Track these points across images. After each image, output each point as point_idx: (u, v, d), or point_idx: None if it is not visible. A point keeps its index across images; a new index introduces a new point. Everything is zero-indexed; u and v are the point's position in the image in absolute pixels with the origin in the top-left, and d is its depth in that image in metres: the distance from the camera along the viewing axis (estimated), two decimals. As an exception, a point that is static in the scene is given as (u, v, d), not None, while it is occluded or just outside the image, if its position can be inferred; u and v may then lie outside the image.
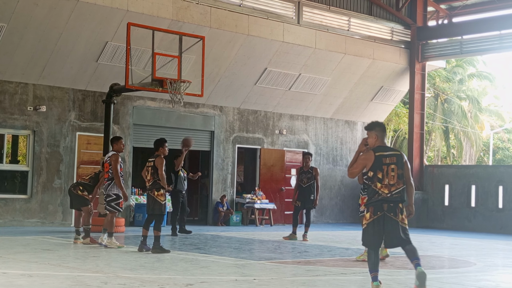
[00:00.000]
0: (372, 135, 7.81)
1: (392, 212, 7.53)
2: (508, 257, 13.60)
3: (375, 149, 7.70)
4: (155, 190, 11.78)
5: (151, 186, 11.83)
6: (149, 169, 11.86)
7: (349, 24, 21.93)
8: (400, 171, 7.59)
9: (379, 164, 7.59)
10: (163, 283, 8.19)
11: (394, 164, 7.59)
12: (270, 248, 13.34)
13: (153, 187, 11.79)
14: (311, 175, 15.70)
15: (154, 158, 11.86)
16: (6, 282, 7.83)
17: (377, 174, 7.58)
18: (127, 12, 16.77)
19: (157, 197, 11.78)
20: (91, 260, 10.44)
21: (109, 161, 12.51)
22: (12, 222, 16.84)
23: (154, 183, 11.78)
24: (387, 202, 7.54)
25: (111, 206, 12.50)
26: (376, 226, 7.56)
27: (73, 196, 13.33)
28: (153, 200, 11.80)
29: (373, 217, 7.59)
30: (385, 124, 8.05)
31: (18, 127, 17.14)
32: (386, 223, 7.55)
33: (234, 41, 19.09)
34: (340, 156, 23.58)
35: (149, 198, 11.91)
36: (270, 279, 8.90)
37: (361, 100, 23.43)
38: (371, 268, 7.63)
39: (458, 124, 39.53)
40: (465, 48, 23.14)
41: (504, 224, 20.80)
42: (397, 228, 7.53)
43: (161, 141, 12.04)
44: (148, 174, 11.85)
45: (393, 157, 7.62)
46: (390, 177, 7.56)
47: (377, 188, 7.58)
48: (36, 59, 16.79)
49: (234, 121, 20.95)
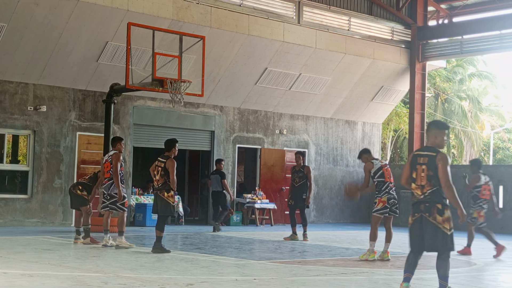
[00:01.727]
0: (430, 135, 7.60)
1: (428, 213, 7.32)
2: (509, 257, 13.59)
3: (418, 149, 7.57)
4: (165, 191, 11.71)
5: (161, 187, 11.74)
6: (159, 169, 11.74)
7: (350, 24, 21.93)
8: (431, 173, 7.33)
9: (413, 164, 7.48)
10: (163, 283, 8.19)
11: (425, 164, 7.38)
12: (271, 248, 13.34)
13: (163, 188, 11.72)
14: (303, 174, 15.73)
15: (165, 159, 11.75)
16: (6, 282, 7.83)
17: (412, 174, 7.47)
18: (127, 12, 16.78)
19: (167, 198, 11.73)
20: (92, 260, 10.44)
21: (110, 160, 12.46)
22: (13, 222, 16.84)
23: (164, 184, 11.70)
24: (423, 203, 7.38)
25: (117, 206, 12.46)
26: (414, 228, 7.40)
27: (73, 195, 13.33)
28: (163, 201, 11.72)
29: (411, 219, 7.45)
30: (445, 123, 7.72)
31: (19, 127, 17.14)
32: (424, 225, 7.34)
33: (234, 41, 19.09)
34: (340, 156, 23.57)
35: (158, 198, 11.80)
36: (270, 279, 8.90)
37: (362, 100, 23.43)
38: (406, 268, 7.51)
39: (458, 124, 39.53)
40: (465, 48, 23.13)
41: (504, 224, 20.78)
42: (435, 230, 7.28)
43: (173, 141, 11.94)
44: (158, 174, 11.76)
45: (425, 157, 7.41)
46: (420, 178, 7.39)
47: (412, 189, 7.48)
48: (37, 59, 16.79)
49: (235, 121, 20.95)
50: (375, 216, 11.54)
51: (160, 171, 11.71)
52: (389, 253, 11.62)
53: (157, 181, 11.79)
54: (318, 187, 22.94)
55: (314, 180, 22.71)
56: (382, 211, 11.46)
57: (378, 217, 11.51)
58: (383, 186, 11.47)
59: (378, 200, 11.44)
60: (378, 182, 11.51)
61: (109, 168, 12.45)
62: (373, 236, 11.48)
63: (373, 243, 11.46)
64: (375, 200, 11.48)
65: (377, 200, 11.44)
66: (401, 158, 40.43)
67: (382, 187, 11.48)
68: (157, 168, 11.78)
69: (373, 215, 11.57)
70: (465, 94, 41.71)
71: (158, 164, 11.80)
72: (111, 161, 12.44)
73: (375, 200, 11.48)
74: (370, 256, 11.39)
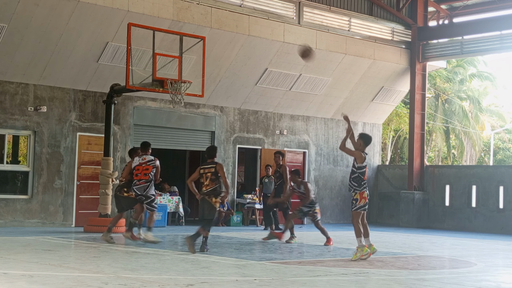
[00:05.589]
0: None
1: None
2: (509, 258, 13.59)
3: None
4: (213, 197, 12.30)
5: (209, 192, 12.30)
6: (208, 175, 12.34)
7: (350, 25, 21.93)
8: None
9: None
10: (164, 283, 8.19)
11: None
12: (271, 249, 13.33)
13: (212, 194, 12.29)
14: (279, 174, 15.79)
15: (212, 165, 12.37)
16: (6, 283, 7.83)
17: None
18: (127, 13, 16.78)
19: (214, 203, 12.31)
20: (92, 260, 10.44)
21: (153, 165, 13.33)
22: (13, 223, 16.84)
23: (214, 190, 12.29)
24: None
25: (152, 206, 13.31)
26: None
27: (122, 198, 13.75)
28: (211, 205, 12.34)
29: None
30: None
31: (19, 128, 17.15)
32: None
33: (234, 42, 19.09)
34: (340, 156, 23.57)
35: (206, 203, 12.49)
36: (270, 279, 8.89)
37: (362, 100, 23.44)
38: None
39: (458, 124, 39.52)
40: (465, 48, 23.13)
41: (504, 224, 20.79)
42: None
43: (216, 148, 12.87)
44: (207, 180, 12.34)
45: None
46: None
47: None
48: (37, 60, 16.80)
49: (235, 122, 20.95)
50: (357, 212, 11.60)
51: (210, 176, 12.31)
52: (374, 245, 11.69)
53: (205, 186, 12.37)
54: (319, 187, 22.94)
55: (314, 181, 22.78)
56: (364, 207, 11.62)
57: (359, 213, 11.62)
58: (362, 182, 11.54)
59: (360, 196, 11.49)
60: (359, 175, 11.54)
61: (150, 171, 13.24)
62: (359, 232, 11.60)
63: (360, 239, 11.55)
64: (356, 196, 11.50)
65: (358, 196, 11.49)
66: (401, 158, 40.43)
67: (361, 182, 11.53)
68: (206, 174, 12.38)
69: (355, 212, 11.62)
70: (465, 94, 41.70)
71: (207, 171, 12.40)
72: (153, 165, 13.30)
73: (355, 197, 11.50)
74: (364, 251, 11.42)
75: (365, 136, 12.00)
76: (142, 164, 13.32)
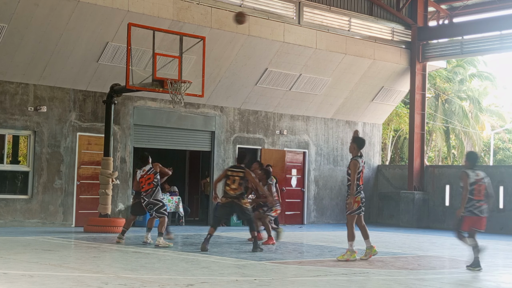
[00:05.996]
0: None
1: None
2: (509, 258, 13.60)
3: None
4: (242, 199, 12.62)
5: (239, 195, 12.57)
6: (236, 178, 12.54)
7: (350, 25, 21.93)
8: None
9: None
10: (163, 283, 8.19)
11: None
12: (271, 249, 13.33)
13: (240, 197, 12.59)
14: None
15: (241, 169, 12.59)
16: (6, 283, 7.83)
17: None
18: (127, 13, 16.78)
19: (245, 205, 12.65)
20: (92, 260, 10.44)
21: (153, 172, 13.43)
22: (13, 223, 16.84)
23: (242, 194, 12.63)
24: None
25: (160, 213, 13.30)
26: None
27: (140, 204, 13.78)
28: (243, 207, 12.61)
29: None
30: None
31: (19, 128, 17.15)
32: None
33: (234, 42, 19.09)
34: (340, 156, 23.57)
35: (237, 206, 12.63)
36: (270, 279, 8.90)
37: (362, 100, 23.44)
38: None
39: (458, 124, 39.51)
40: (465, 48, 23.13)
41: (504, 225, 20.79)
42: None
43: (246, 155, 13.07)
44: (235, 183, 12.57)
45: None
46: None
47: None
48: (37, 60, 16.80)
49: (235, 122, 20.95)
50: (351, 216, 11.58)
51: (238, 180, 12.53)
52: (375, 247, 11.67)
53: (234, 190, 12.57)
54: (319, 187, 22.94)
55: (314, 181, 22.78)
56: (357, 211, 11.57)
57: (354, 217, 11.59)
58: (357, 187, 11.51)
59: (353, 200, 11.47)
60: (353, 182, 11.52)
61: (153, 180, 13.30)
62: (352, 236, 11.56)
63: (352, 243, 11.53)
64: (349, 200, 11.48)
65: (351, 200, 11.46)
66: (401, 158, 40.43)
67: (356, 188, 11.51)
68: (234, 178, 12.57)
69: (350, 216, 11.60)
70: (465, 94, 41.68)
71: (235, 174, 12.58)
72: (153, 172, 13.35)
73: (349, 201, 11.48)
74: (351, 256, 11.41)
75: (358, 139, 11.96)
76: (143, 175, 13.46)
